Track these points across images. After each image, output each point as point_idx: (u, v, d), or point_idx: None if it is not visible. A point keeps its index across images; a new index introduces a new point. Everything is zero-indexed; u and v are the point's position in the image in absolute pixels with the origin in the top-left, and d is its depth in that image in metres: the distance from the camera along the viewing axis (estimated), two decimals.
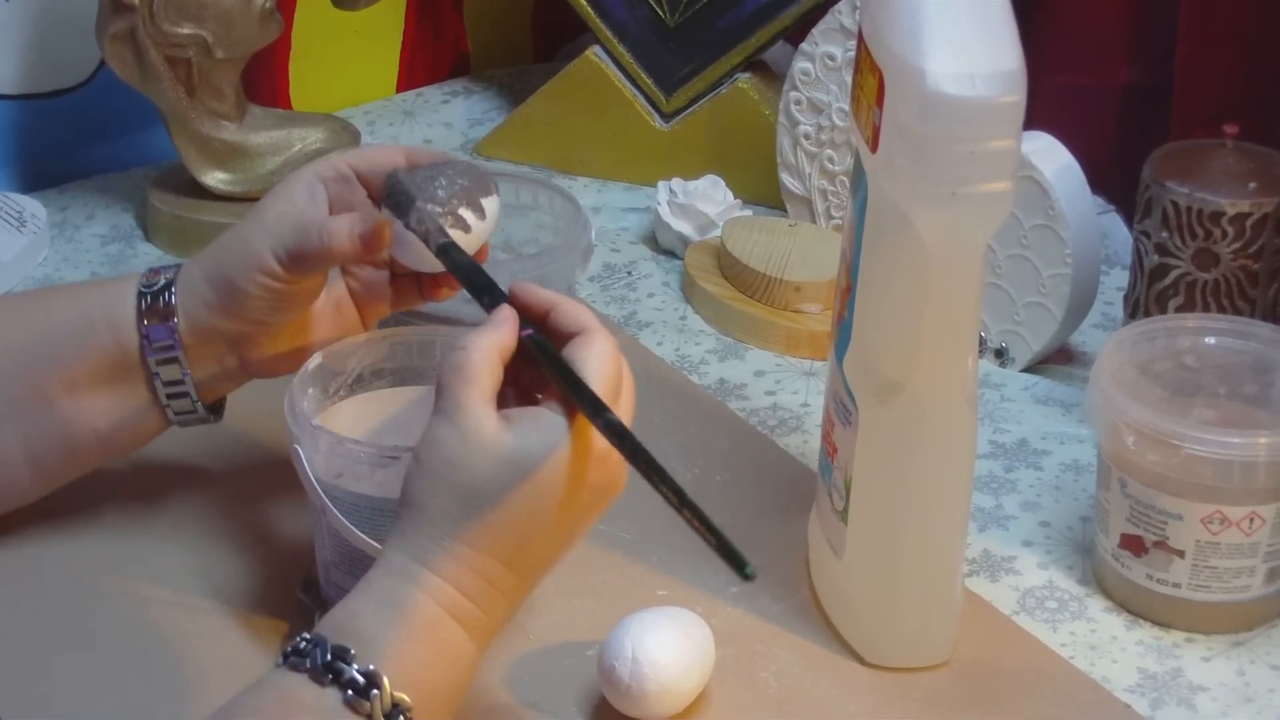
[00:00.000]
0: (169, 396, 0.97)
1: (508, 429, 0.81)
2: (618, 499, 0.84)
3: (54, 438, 0.96)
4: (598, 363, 0.82)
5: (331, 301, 0.97)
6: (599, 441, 0.81)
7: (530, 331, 0.83)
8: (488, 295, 0.86)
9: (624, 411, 0.82)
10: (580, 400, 0.81)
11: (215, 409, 0.99)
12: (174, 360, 0.96)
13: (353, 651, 0.79)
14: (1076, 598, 1.01)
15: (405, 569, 0.81)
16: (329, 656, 0.78)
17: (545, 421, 0.81)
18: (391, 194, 0.92)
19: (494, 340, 0.82)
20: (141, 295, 0.95)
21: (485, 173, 0.94)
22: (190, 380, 0.96)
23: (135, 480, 1.04)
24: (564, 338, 0.83)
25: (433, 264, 0.92)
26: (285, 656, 0.79)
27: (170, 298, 0.95)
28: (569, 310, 0.84)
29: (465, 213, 0.92)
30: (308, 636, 0.80)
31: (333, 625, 0.81)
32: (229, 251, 0.95)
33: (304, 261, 0.93)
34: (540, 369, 0.83)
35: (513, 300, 0.85)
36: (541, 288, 0.85)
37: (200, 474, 1.05)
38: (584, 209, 1.10)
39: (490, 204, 0.93)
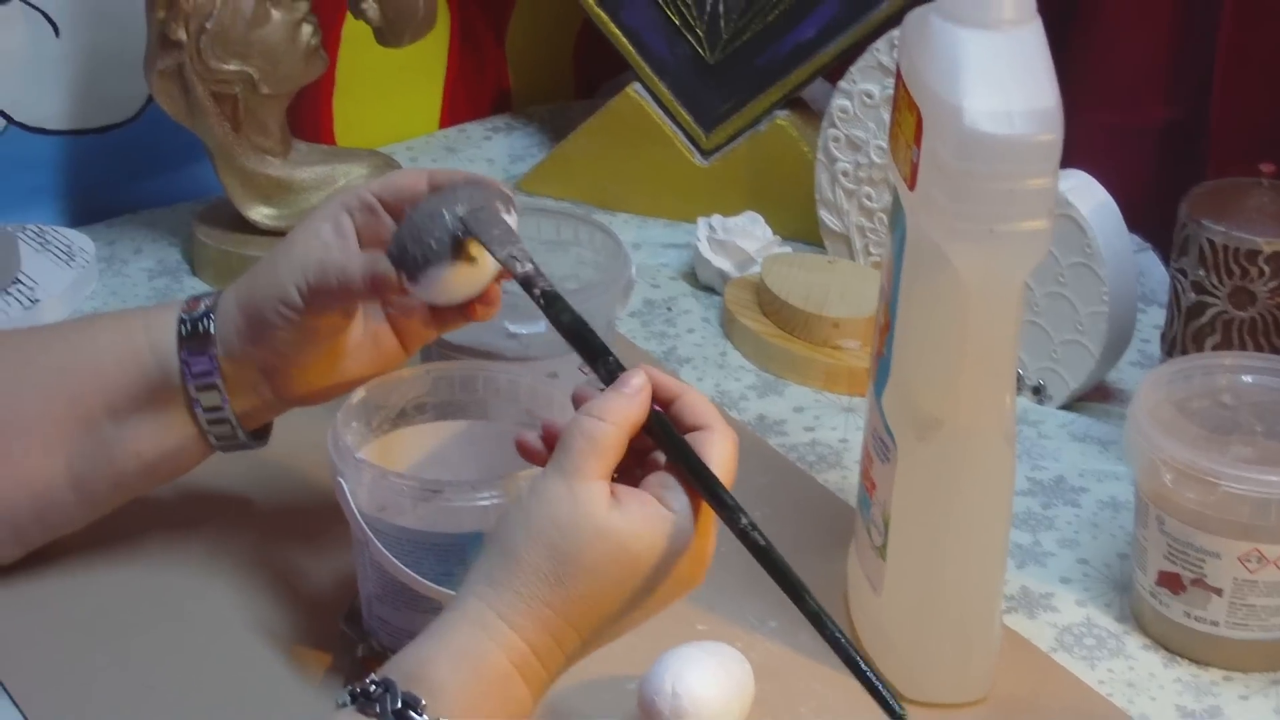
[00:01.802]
0: (210, 422, 0.97)
1: (618, 509, 0.80)
2: None
3: (98, 461, 0.97)
4: (722, 459, 0.82)
5: (369, 334, 0.98)
6: (700, 541, 0.81)
7: (659, 410, 0.82)
8: (602, 363, 0.84)
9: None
10: (712, 498, 0.81)
11: (259, 435, 0.99)
12: (213, 387, 0.96)
13: (424, 702, 0.78)
14: (1114, 635, 1.00)
15: (485, 621, 0.80)
16: (399, 704, 0.77)
17: (655, 509, 0.81)
18: (398, 236, 0.91)
19: (629, 416, 0.82)
20: (182, 322, 0.96)
21: (498, 191, 0.92)
22: (229, 408, 0.97)
23: (180, 509, 1.04)
24: (684, 429, 0.83)
25: (455, 296, 0.91)
26: (353, 697, 0.78)
27: (209, 325, 0.96)
28: (694, 402, 0.83)
29: (475, 248, 0.89)
30: (377, 680, 0.78)
31: (403, 671, 0.79)
32: (259, 281, 0.96)
33: (322, 298, 0.93)
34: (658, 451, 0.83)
35: (635, 381, 0.83)
36: (667, 376, 0.84)
37: (244, 505, 1.06)
38: (624, 245, 1.10)
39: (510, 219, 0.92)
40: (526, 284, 0.87)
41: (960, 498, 0.90)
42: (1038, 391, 1.18)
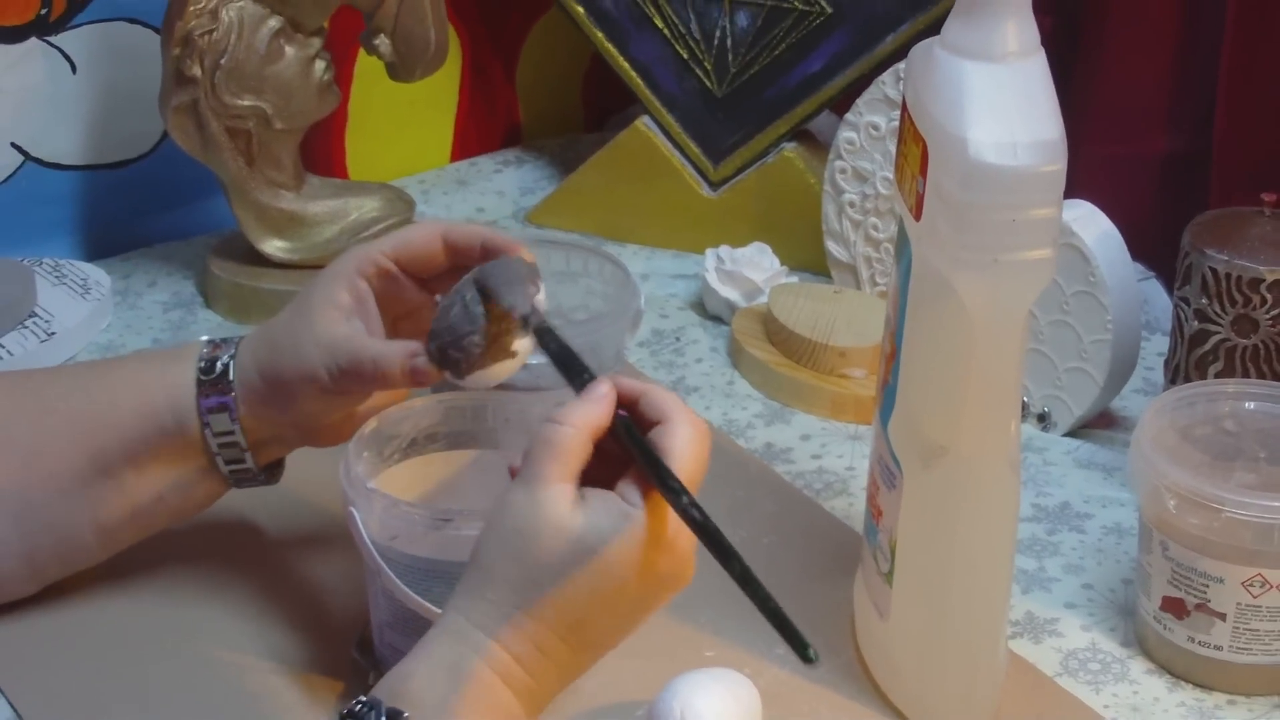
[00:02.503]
0: (231, 473, 0.97)
1: (580, 507, 0.81)
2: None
3: (119, 505, 0.97)
4: (682, 447, 0.81)
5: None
6: (671, 529, 0.81)
7: (623, 414, 0.83)
8: (578, 381, 0.85)
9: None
10: (659, 483, 0.80)
11: (272, 469, 1.00)
12: (234, 444, 0.96)
13: (407, 715, 0.79)
14: (1119, 659, 1.00)
15: (463, 632, 0.81)
16: (384, 719, 0.78)
17: (616, 505, 0.81)
18: (437, 333, 0.89)
19: (588, 419, 0.82)
20: (200, 382, 0.96)
21: (523, 265, 0.90)
22: (251, 459, 0.97)
23: (193, 540, 1.04)
24: (649, 425, 0.83)
25: (496, 381, 0.90)
26: (341, 719, 0.79)
27: (228, 386, 0.95)
28: (657, 397, 0.83)
29: (516, 342, 0.89)
30: (364, 700, 0.79)
31: (388, 689, 0.80)
32: (281, 347, 0.94)
33: (353, 381, 0.93)
34: (625, 452, 0.83)
35: (598, 386, 0.84)
36: (631, 379, 0.84)
37: (257, 535, 1.06)
38: (633, 276, 1.10)
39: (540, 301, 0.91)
40: (525, 324, 0.88)
41: (966, 524, 0.90)
42: (1042, 419, 1.18)
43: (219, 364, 0.95)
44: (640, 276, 1.29)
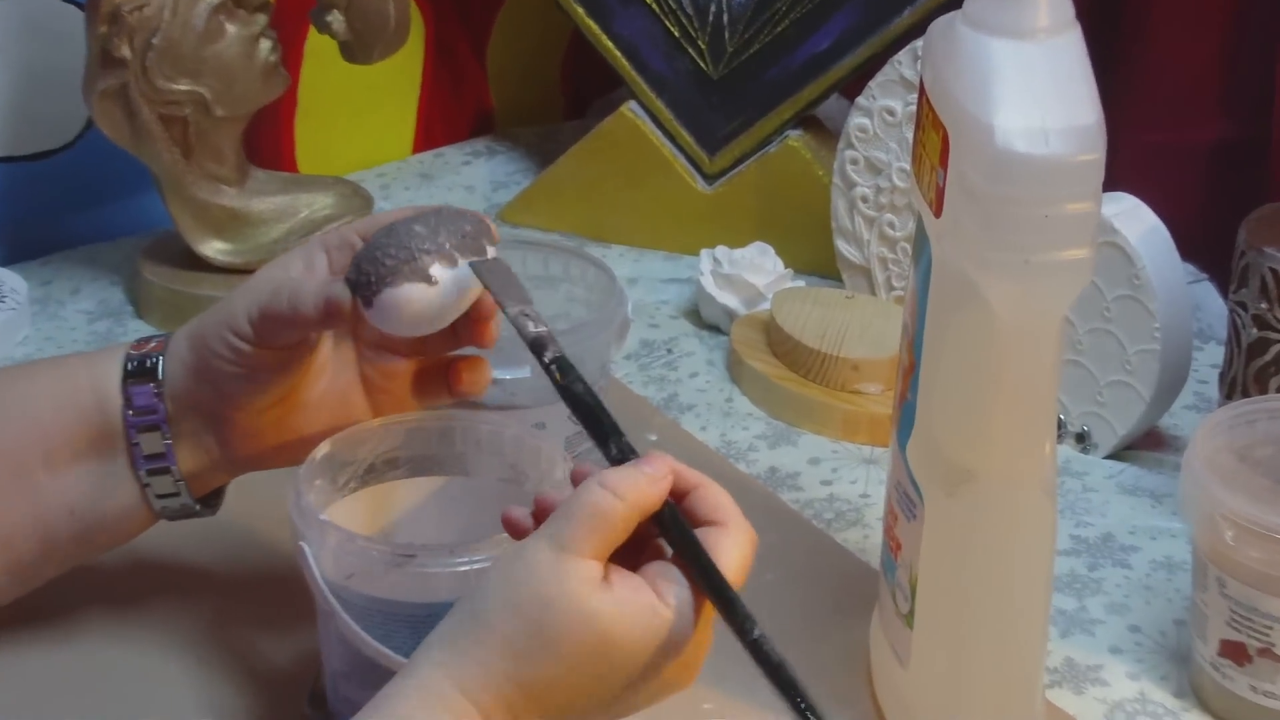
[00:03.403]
0: (150, 473, 0.96)
1: (609, 592, 0.81)
2: None
3: (26, 514, 0.96)
4: (734, 561, 0.82)
5: (336, 390, 0.97)
6: (694, 642, 0.82)
7: (672, 502, 0.83)
8: (614, 443, 0.84)
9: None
10: (726, 609, 0.81)
11: (208, 502, 0.99)
12: (155, 427, 0.96)
13: None
14: (1172, 712, 1.00)
15: (444, 694, 0.80)
16: None
17: (646, 597, 0.81)
18: (356, 257, 0.91)
19: (642, 499, 0.82)
20: (129, 359, 0.96)
21: (479, 226, 0.92)
22: (173, 455, 0.96)
23: (126, 581, 1.04)
24: (697, 523, 0.83)
25: (413, 323, 0.92)
26: None
27: (157, 362, 0.96)
28: (713, 495, 0.84)
29: (436, 268, 0.90)
30: None
31: None
32: (212, 312, 0.96)
33: (271, 326, 0.93)
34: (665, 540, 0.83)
35: (657, 464, 0.83)
36: (686, 467, 0.84)
37: (197, 574, 1.06)
38: (619, 280, 1.11)
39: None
40: (537, 348, 0.88)
41: (996, 559, 0.90)
42: (1081, 439, 1.18)
43: (152, 344, 0.97)
44: (627, 281, 1.29)
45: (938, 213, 0.87)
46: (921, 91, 0.89)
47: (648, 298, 1.34)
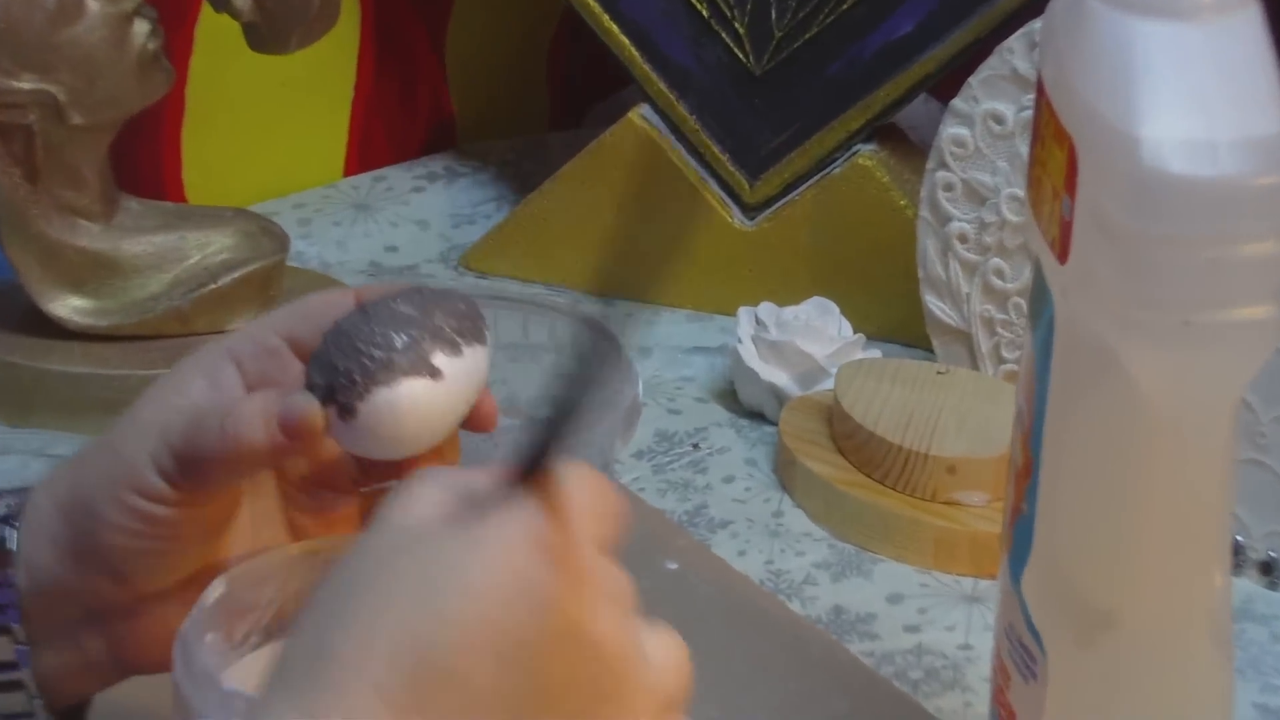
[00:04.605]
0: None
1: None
2: None
3: None
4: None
5: (249, 521, 0.96)
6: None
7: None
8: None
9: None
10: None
11: (70, 716, 0.98)
12: (5, 631, 0.95)
13: None
14: None
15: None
16: None
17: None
18: (319, 355, 0.91)
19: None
20: None
21: (473, 305, 0.94)
22: (27, 665, 0.95)
23: None
24: None
25: (412, 440, 0.91)
26: None
27: (7, 536, 0.95)
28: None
29: (439, 357, 0.91)
30: None
31: None
32: (90, 465, 0.93)
33: (199, 468, 0.90)
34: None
35: None
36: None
37: None
38: (625, 349, 1.10)
39: (473, 351, 0.93)
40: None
41: None
42: (1268, 569, 1.18)
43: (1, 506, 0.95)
44: (638, 351, 1.28)
45: (1063, 257, 0.87)
46: (1040, 91, 0.89)
47: (666, 373, 1.34)
